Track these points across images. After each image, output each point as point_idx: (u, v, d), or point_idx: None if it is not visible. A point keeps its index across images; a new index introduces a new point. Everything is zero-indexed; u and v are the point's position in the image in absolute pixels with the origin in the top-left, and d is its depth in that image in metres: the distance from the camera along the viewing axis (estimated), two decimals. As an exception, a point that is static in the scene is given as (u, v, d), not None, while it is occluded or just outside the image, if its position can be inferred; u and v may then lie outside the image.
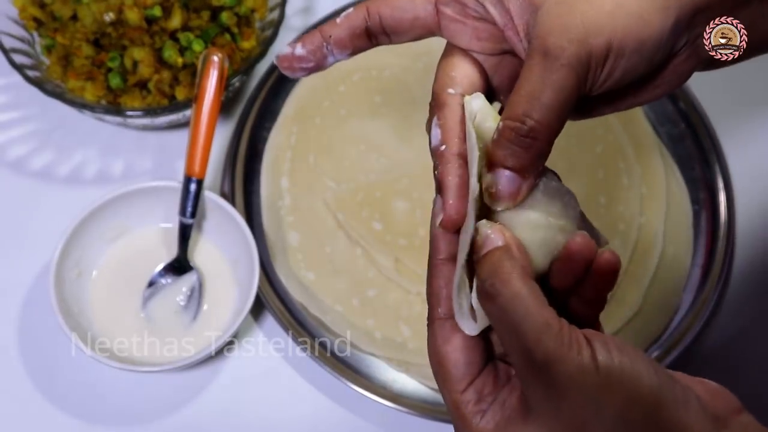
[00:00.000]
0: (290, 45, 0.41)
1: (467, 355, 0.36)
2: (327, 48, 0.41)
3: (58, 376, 0.65)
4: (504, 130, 0.35)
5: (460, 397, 0.36)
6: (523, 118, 0.35)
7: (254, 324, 0.68)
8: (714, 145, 0.75)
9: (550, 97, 0.35)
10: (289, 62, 0.42)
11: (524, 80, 0.36)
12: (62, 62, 0.70)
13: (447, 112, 0.39)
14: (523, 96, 0.35)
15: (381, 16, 0.40)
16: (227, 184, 0.71)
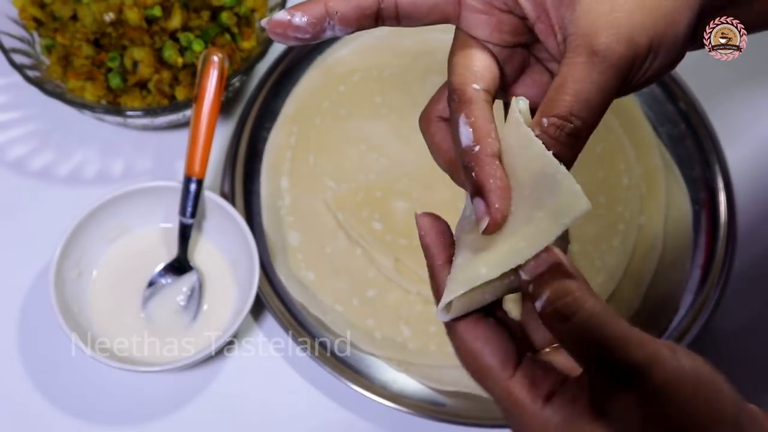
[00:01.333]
0: (288, 11, 0.38)
1: (501, 343, 0.36)
2: (329, 23, 0.39)
3: (58, 376, 0.65)
4: (549, 128, 0.35)
5: (510, 384, 0.35)
6: (570, 117, 0.35)
7: (254, 324, 0.68)
8: (714, 146, 0.75)
9: (597, 97, 0.35)
10: (283, 29, 0.38)
11: (569, 78, 0.35)
12: (62, 62, 0.70)
13: (475, 110, 0.37)
14: (569, 94, 0.35)
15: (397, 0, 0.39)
16: (227, 184, 0.71)
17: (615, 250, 0.70)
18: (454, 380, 0.65)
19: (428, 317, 0.67)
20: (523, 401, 0.35)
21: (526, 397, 0.35)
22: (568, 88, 0.35)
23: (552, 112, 0.35)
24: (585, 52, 0.35)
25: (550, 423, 0.35)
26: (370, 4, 0.39)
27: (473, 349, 0.36)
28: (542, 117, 0.35)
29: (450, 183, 0.71)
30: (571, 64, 0.35)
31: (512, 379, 0.36)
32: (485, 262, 0.36)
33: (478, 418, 0.64)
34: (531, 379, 0.36)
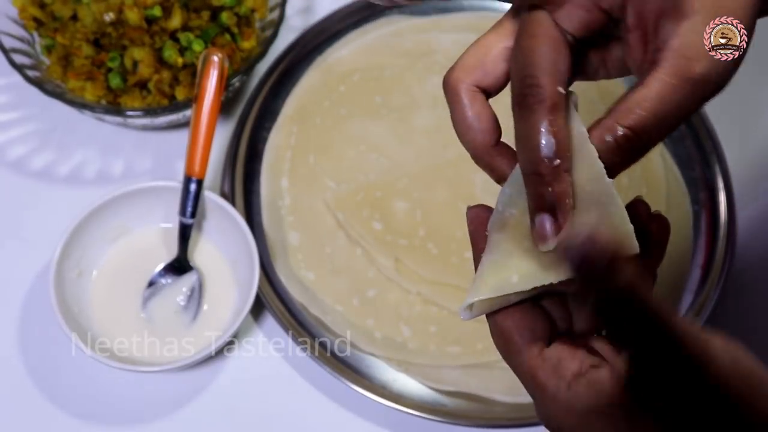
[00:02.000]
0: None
1: (532, 324, 0.36)
2: None
3: (58, 376, 0.65)
4: (620, 138, 0.34)
5: (535, 362, 0.35)
6: (643, 135, 0.34)
7: (254, 324, 0.68)
8: (714, 146, 0.75)
9: (676, 120, 0.34)
10: None
11: (656, 94, 0.34)
12: (62, 62, 0.70)
13: (560, 119, 0.34)
14: (651, 113, 0.34)
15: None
16: (227, 184, 0.71)
17: (615, 250, 0.70)
18: (454, 380, 0.65)
19: (428, 317, 0.67)
20: (546, 382, 0.35)
21: (549, 378, 0.35)
22: (652, 106, 0.34)
23: (627, 122, 0.34)
24: (680, 75, 0.34)
25: (573, 406, 0.34)
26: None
27: (503, 328, 0.36)
28: (616, 123, 0.34)
29: (450, 183, 0.72)
30: (662, 81, 0.34)
31: (537, 359, 0.35)
32: (518, 270, 0.35)
33: (478, 418, 0.64)
34: (557, 360, 0.35)
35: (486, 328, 0.67)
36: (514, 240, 0.36)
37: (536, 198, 0.34)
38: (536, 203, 0.35)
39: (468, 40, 0.86)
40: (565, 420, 0.34)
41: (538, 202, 0.34)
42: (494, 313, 0.37)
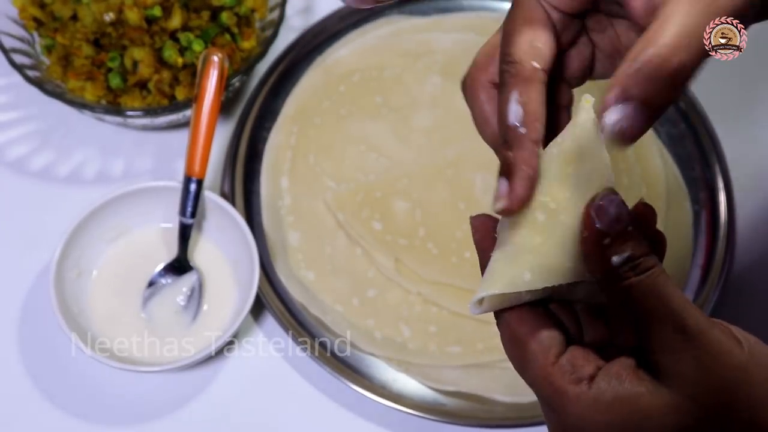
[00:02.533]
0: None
1: (547, 331, 0.36)
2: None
3: (58, 376, 0.65)
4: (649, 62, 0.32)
5: (552, 369, 0.35)
6: (671, 57, 0.32)
7: (254, 324, 0.68)
8: (714, 145, 0.75)
9: (701, 42, 0.33)
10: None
11: (671, 19, 0.32)
12: (62, 62, 0.70)
13: (531, 90, 0.36)
14: (672, 36, 0.32)
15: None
16: (227, 184, 0.71)
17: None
18: (454, 380, 0.65)
19: (428, 317, 0.67)
20: (565, 387, 0.34)
21: (568, 383, 0.34)
22: (669, 30, 0.32)
23: (651, 48, 0.32)
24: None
25: (600, 401, 0.34)
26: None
27: (518, 335, 0.36)
28: (641, 52, 0.32)
29: (450, 183, 0.72)
30: (675, 4, 0.33)
31: (554, 366, 0.35)
32: (531, 267, 0.35)
33: (478, 418, 0.64)
34: (572, 365, 0.35)
35: (486, 328, 0.67)
36: (528, 237, 0.36)
37: (501, 161, 0.36)
38: (501, 167, 0.36)
39: (468, 40, 0.86)
40: (594, 417, 0.34)
41: (502, 166, 0.36)
42: (507, 317, 0.36)
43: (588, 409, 0.34)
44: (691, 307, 0.34)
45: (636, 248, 0.34)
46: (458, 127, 0.74)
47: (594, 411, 0.34)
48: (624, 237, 0.34)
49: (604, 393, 0.34)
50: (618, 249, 0.34)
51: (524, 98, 0.36)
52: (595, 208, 0.34)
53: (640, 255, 0.34)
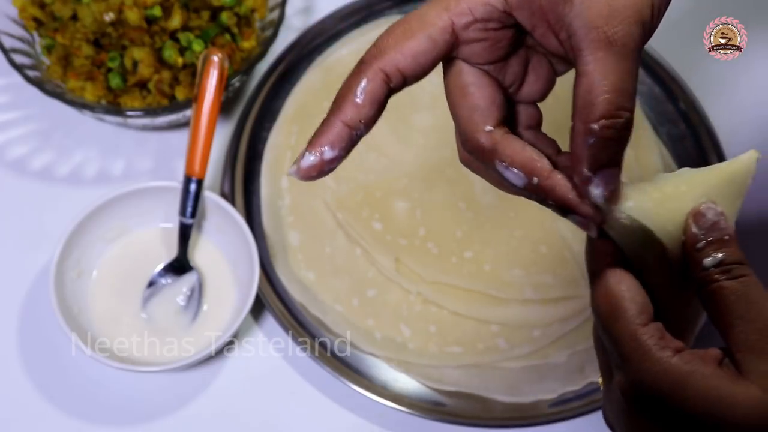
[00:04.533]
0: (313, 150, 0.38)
1: (642, 297, 0.37)
2: (357, 134, 0.39)
3: (58, 376, 0.65)
4: (603, 131, 0.35)
5: (642, 329, 0.36)
6: (620, 113, 0.35)
7: (254, 324, 0.68)
8: (714, 145, 0.75)
9: (631, 83, 0.35)
10: (318, 169, 0.39)
11: (598, 75, 0.35)
12: (62, 62, 0.70)
13: (505, 150, 0.37)
14: (607, 92, 0.34)
15: (402, 71, 0.37)
16: (227, 184, 0.71)
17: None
18: (454, 380, 0.65)
19: (428, 317, 0.67)
20: (651, 347, 0.35)
21: (654, 345, 0.35)
22: (603, 86, 0.34)
23: (599, 114, 0.35)
24: (603, 45, 0.35)
25: (681, 371, 0.35)
26: (382, 91, 0.38)
27: (616, 290, 0.37)
28: (590, 123, 0.35)
29: (450, 183, 0.72)
30: (592, 60, 0.35)
31: (645, 326, 0.36)
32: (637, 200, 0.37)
33: (478, 418, 0.64)
34: (662, 333, 0.36)
35: (485, 328, 0.67)
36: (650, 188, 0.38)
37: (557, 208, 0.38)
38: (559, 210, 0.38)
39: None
40: (671, 383, 0.35)
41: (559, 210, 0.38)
42: (609, 273, 0.37)
43: (667, 374, 0.35)
44: None
45: (729, 255, 0.36)
46: (458, 127, 0.74)
47: (673, 377, 0.35)
48: (718, 243, 0.36)
49: (686, 365, 0.35)
50: (710, 252, 0.36)
51: (507, 160, 0.37)
52: (693, 214, 0.37)
53: (733, 261, 0.36)
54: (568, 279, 0.68)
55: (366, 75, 0.37)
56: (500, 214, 0.70)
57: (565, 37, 0.36)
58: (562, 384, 0.65)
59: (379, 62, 0.37)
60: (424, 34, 0.37)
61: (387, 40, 0.37)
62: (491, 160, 0.37)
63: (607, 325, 0.37)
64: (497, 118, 0.38)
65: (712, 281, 0.36)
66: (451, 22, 0.37)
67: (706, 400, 0.34)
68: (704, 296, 0.37)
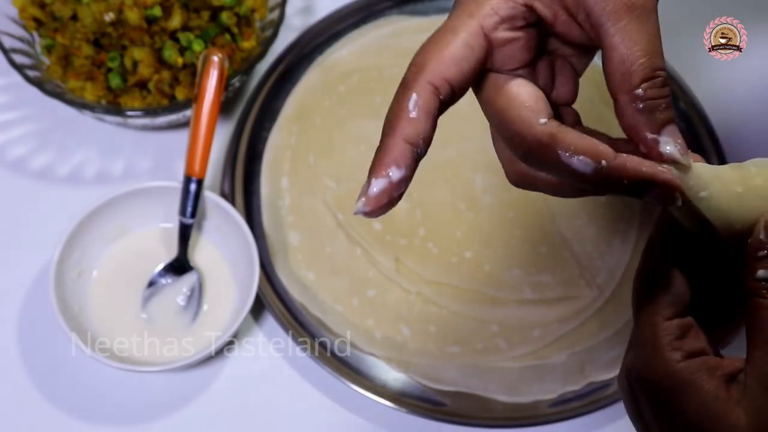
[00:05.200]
0: (379, 175, 0.35)
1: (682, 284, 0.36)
2: (418, 151, 0.36)
3: (58, 376, 0.65)
4: (648, 92, 0.35)
5: (664, 323, 0.36)
6: (655, 73, 0.35)
7: (254, 324, 0.68)
8: (714, 145, 0.75)
9: (658, 42, 0.35)
10: (389, 194, 0.35)
11: (629, 42, 0.35)
12: (62, 62, 0.70)
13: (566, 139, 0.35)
14: (641, 55, 0.35)
15: (449, 81, 0.36)
16: (227, 184, 0.71)
17: (615, 250, 0.70)
18: (454, 380, 0.65)
19: (428, 317, 0.67)
20: (664, 345, 0.35)
21: (668, 344, 0.35)
22: (636, 53, 0.34)
23: (639, 79, 0.35)
24: (624, 12, 0.35)
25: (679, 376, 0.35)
26: (434, 103, 0.36)
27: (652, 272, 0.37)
28: (633, 91, 0.35)
29: (450, 183, 0.72)
30: (617, 32, 0.35)
31: (667, 321, 0.36)
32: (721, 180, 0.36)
33: (477, 418, 0.64)
34: (681, 331, 0.36)
35: (485, 328, 0.67)
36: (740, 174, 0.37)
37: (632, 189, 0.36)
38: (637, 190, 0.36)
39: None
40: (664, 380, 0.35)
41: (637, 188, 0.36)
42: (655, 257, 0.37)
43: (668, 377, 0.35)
44: None
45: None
46: (458, 127, 0.74)
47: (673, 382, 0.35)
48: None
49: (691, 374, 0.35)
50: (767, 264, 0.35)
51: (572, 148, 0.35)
52: (764, 224, 0.35)
53: None
54: (567, 279, 0.69)
55: (415, 90, 0.36)
56: (500, 214, 0.70)
57: (584, 17, 0.36)
58: (562, 384, 0.65)
59: (424, 76, 0.36)
60: (458, 41, 0.36)
61: (424, 55, 0.36)
62: (553, 152, 0.35)
63: (635, 303, 0.37)
64: (548, 112, 0.37)
65: (757, 294, 0.35)
66: (480, 25, 0.37)
67: (696, 414, 0.34)
68: (747, 305, 0.36)
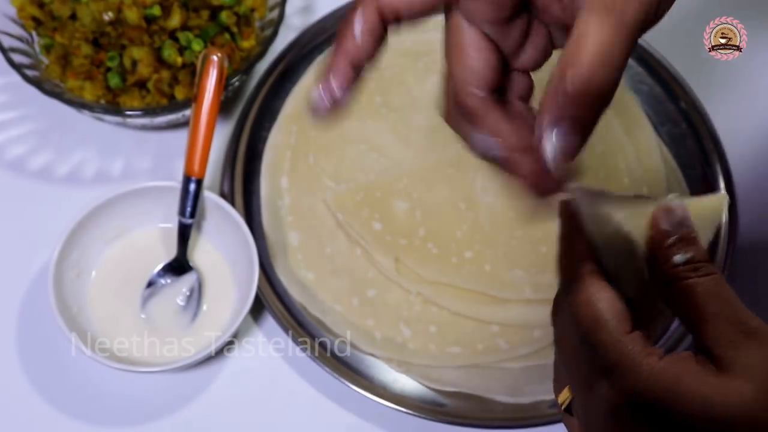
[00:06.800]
0: (322, 87, 0.41)
1: (622, 306, 0.37)
2: (359, 68, 0.40)
3: (57, 376, 0.65)
4: (574, 89, 0.35)
5: (627, 337, 0.36)
6: (597, 79, 0.35)
7: (254, 324, 0.68)
8: (715, 145, 0.75)
9: (619, 59, 0.35)
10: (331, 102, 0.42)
11: (585, 38, 0.35)
12: (61, 62, 0.70)
13: (488, 119, 0.38)
14: (589, 54, 0.34)
15: (398, 11, 0.38)
16: (227, 184, 0.71)
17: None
18: (454, 380, 0.65)
19: (428, 317, 0.67)
20: (637, 355, 0.35)
21: (640, 353, 0.35)
22: (587, 48, 0.34)
23: (577, 72, 0.35)
24: (601, 9, 0.35)
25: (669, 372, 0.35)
26: (379, 29, 0.39)
27: (597, 298, 0.37)
28: (565, 78, 0.35)
29: (450, 183, 0.72)
30: (585, 23, 0.35)
31: (629, 335, 0.36)
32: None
33: (478, 418, 0.64)
34: (644, 340, 0.36)
35: (485, 328, 0.67)
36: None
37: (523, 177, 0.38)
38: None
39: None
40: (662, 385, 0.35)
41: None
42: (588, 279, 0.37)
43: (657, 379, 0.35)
44: (752, 314, 0.36)
45: (699, 253, 0.36)
46: (458, 126, 0.74)
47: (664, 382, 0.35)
48: (687, 240, 0.36)
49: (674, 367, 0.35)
50: (681, 249, 0.36)
51: (484, 130, 0.38)
52: (663, 209, 0.37)
53: (702, 259, 0.36)
54: (568, 279, 0.68)
55: (362, 11, 0.39)
56: (500, 214, 0.70)
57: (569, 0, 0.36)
58: (563, 384, 0.65)
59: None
60: None
61: None
62: (472, 123, 0.38)
63: (590, 335, 0.37)
64: (489, 82, 0.38)
65: (683, 278, 0.36)
66: None
67: (700, 399, 0.34)
68: (675, 293, 0.36)
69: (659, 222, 0.37)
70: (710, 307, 0.36)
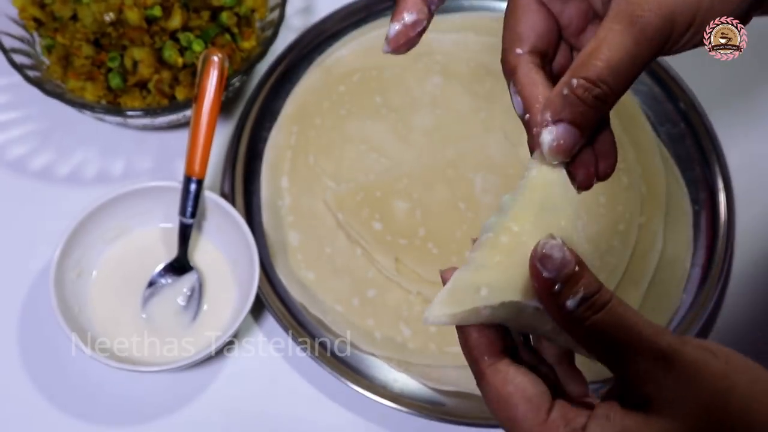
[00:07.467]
0: (394, 22, 0.42)
1: (534, 387, 0.36)
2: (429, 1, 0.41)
3: (58, 376, 0.65)
4: (578, 89, 0.36)
5: (545, 427, 0.35)
6: (598, 82, 0.35)
7: (254, 324, 0.68)
8: (714, 145, 0.75)
9: (628, 66, 0.36)
10: (405, 35, 0.42)
11: (604, 43, 0.36)
12: (62, 62, 0.70)
13: (521, 78, 0.39)
14: (602, 60, 0.35)
15: None
16: (227, 184, 0.71)
17: (615, 250, 0.70)
18: (454, 380, 0.65)
19: (428, 317, 0.67)
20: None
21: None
22: (601, 53, 0.35)
23: (581, 74, 0.36)
24: (624, 20, 0.35)
25: None
26: None
27: (504, 394, 0.36)
28: (572, 77, 0.36)
29: (450, 183, 0.72)
30: (608, 29, 0.36)
31: (546, 424, 0.35)
32: (488, 282, 0.35)
33: (478, 418, 0.64)
34: (564, 419, 0.35)
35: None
36: (488, 256, 0.36)
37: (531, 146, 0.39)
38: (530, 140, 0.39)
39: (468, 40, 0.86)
40: None
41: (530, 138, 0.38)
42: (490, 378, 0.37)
43: None
44: (658, 329, 0.34)
45: (588, 287, 0.34)
46: (458, 127, 0.74)
47: None
48: (573, 279, 0.34)
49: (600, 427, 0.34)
50: (570, 292, 0.34)
51: (518, 86, 0.39)
52: (539, 258, 0.34)
53: (593, 292, 0.34)
54: (568, 279, 0.68)
55: None
56: (500, 214, 0.70)
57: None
58: (562, 384, 0.65)
59: None
60: None
61: None
62: (509, 80, 0.39)
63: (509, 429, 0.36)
64: (532, 45, 0.40)
65: (584, 319, 0.34)
66: None
67: None
68: (581, 336, 0.35)
69: (540, 272, 0.34)
70: (618, 342, 0.34)
